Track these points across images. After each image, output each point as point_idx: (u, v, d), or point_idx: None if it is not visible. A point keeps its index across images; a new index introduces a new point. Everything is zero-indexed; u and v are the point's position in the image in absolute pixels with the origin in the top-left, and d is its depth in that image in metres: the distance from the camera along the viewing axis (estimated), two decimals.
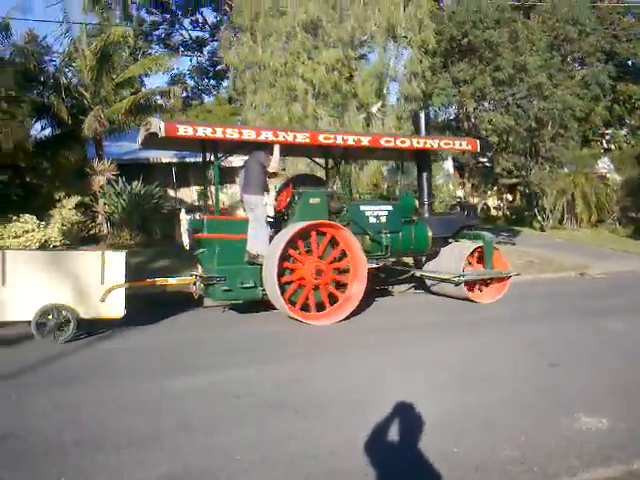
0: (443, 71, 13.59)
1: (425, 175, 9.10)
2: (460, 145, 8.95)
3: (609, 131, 26.02)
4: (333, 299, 7.42)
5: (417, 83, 12.46)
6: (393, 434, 3.68)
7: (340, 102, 11.74)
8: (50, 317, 6.02)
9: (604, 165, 23.06)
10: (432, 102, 13.26)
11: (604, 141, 25.33)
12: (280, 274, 7.01)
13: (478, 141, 9.09)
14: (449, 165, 19.59)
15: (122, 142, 15.95)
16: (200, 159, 7.97)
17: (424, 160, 9.14)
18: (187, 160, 16.60)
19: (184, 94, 26.10)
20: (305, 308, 7.20)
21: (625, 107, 24.93)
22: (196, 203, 17.22)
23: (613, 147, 24.82)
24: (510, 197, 24.07)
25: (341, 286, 7.54)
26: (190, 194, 18.50)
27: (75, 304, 6.12)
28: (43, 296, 6.02)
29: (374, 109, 12.65)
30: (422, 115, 9.21)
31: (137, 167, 15.89)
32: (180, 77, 27.91)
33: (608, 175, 22.23)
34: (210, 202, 7.90)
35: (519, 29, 13.36)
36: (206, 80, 29.39)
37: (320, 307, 7.30)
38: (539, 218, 19.73)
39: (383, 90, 12.86)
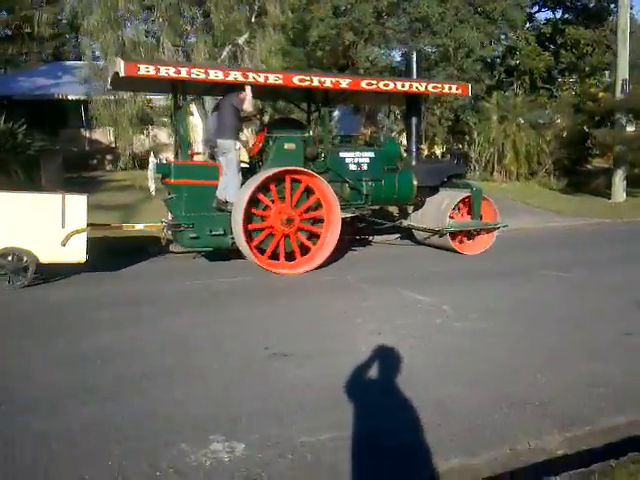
0: None
1: (414, 121, 8.67)
2: (450, 89, 8.44)
3: (562, 79, 24.35)
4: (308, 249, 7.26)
5: (281, 9, 11.30)
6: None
7: (186, 30, 10.74)
8: (7, 260, 5.99)
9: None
10: (309, 34, 12.13)
11: (554, 89, 23.64)
12: (249, 221, 6.84)
13: (470, 85, 8.58)
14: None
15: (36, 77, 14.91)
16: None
17: (414, 105, 8.70)
18: (104, 97, 13.65)
19: None
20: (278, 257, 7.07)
21: (573, 52, 23.11)
22: (113, 145, 16.30)
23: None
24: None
25: (316, 236, 7.36)
26: (106, 135, 16.95)
27: (34, 248, 6.06)
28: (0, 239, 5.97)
29: (240, 41, 11.55)
30: (414, 55, 8.69)
31: (48, 105, 14.90)
32: None
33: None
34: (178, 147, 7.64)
35: None
36: None
37: (293, 256, 7.16)
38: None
39: (252, 18, 11.60)
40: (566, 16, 25.07)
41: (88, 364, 3.92)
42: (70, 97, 16.45)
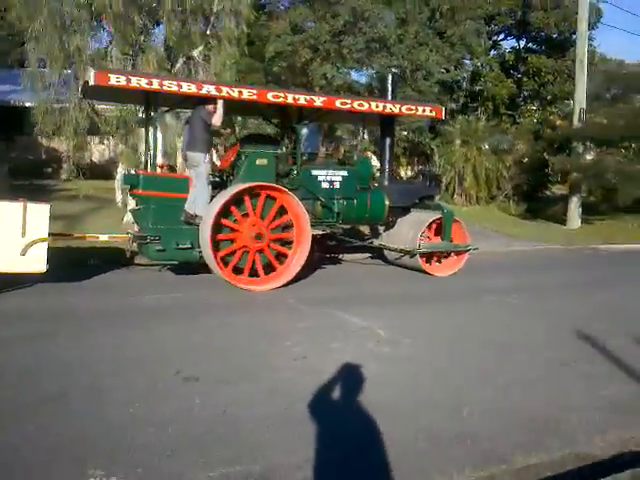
0: (282, 14, 12.45)
1: (388, 141, 8.72)
2: (423, 111, 8.51)
3: (524, 106, 24.76)
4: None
5: (236, 23, 11.14)
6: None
7: (139, 40, 10.48)
8: None
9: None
10: (265, 50, 12.18)
11: (517, 115, 24.08)
12: (218, 232, 6.76)
13: (443, 108, 8.67)
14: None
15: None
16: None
17: (387, 125, 8.75)
18: (60, 105, 12.76)
19: None
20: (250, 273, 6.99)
21: (535, 80, 23.62)
22: (69, 154, 16.00)
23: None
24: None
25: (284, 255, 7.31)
26: (64, 144, 16.27)
27: None
28: None
29: (195, 53, 11.35)
30: (389, 77, 8.76)
31: (4, 112, 14.49)
32: None
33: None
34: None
35: None
36: None
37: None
38: None
39: (207, 31, 11.40)
40: (530, 45, 25.69)
41: None
42: (27, 104, 15.95)
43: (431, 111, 8.57)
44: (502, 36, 26.38)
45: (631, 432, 3.38)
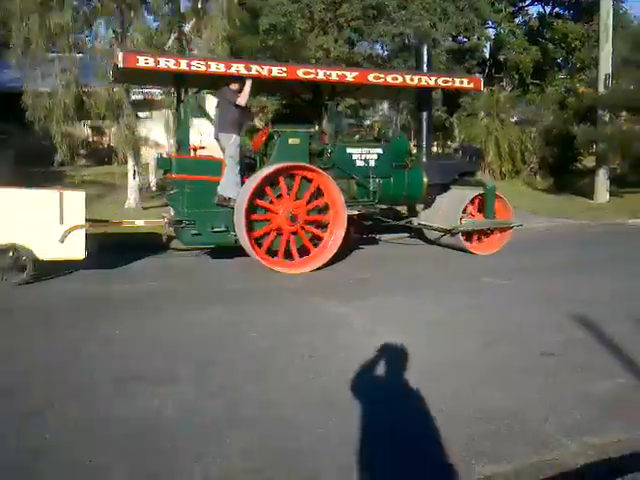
0: None
1: (425, 116, 8.41)
2: (461, 83, 8.16)
3: (559, 74, 23.25)
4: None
5: None
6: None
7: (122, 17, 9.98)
8: (6, 257, 5.90)
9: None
10: (260, 22, 11.57)
11: (545, 85, 22.40)
12: (252, 213, 6.67)
13: (482, 78, 8.29)
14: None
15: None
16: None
17: (424, 99, 8.45)
18: (48, 89, 12.25)
19: None
20: (288, 255, 6.90)
21: (561, 47, 22.21)
22: (90, 139, 15.50)
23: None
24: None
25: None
26: (82, 129, 16.25)
27: (32, 244, 5.97)
28: None
29: (187, 27, 11.08)
30: (424, 49, 8.44)
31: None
32: None
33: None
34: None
35: None
36: None
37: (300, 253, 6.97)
38: None
39: (198, 5, 11.00)
40: (556, 10, 24.33)
41: None
42: (42, 89, 15.92)
43: (469, 82, 8.22)
44: (528, 1, 25.21)
45: (615, 434, 2.98)
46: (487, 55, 23.24)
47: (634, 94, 14.40)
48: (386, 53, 14.41)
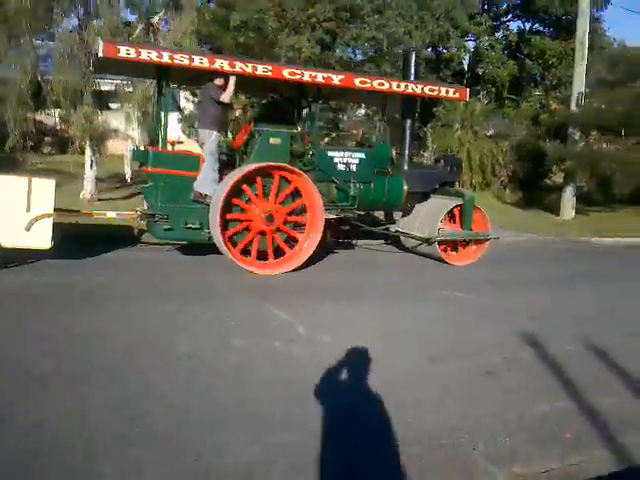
0: None
1: (408, 123, 8.38)
2: (447, 92, 8.14)
3: (536, 90, 23.40)
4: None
5: None
6: None
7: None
8: None
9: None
10: (231, 20, 11.42)
11: (520, 100, 22.70)
12: (228, 212, 6.55)
13: (468, 90, 8.29)
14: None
15: None
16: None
17: (409, 107, 8.41)
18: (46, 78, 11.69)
19: None
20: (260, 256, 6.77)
21: (538, 63, 22.41)
22: (58, 127, 15.07)
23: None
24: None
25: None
26: (51, 117, 15.62)
27: None
28: None
29: (155, 19, 10.80)
30: (412, 57, 8.38)
31: None
32: None
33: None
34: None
35: None
36: None
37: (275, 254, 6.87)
38: None
39: None
40: (536, 26, 24.54)
41: None
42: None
43: (455, 92, 8.20)
44: (509, 16, 25.46)
45: (548, 462, 2.82)
46: (465, 67, 23.30)
47: (605, 113, 14.55)
48: (359, 57, 14.19)
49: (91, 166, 11.12)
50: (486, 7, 24.52)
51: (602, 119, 14.46)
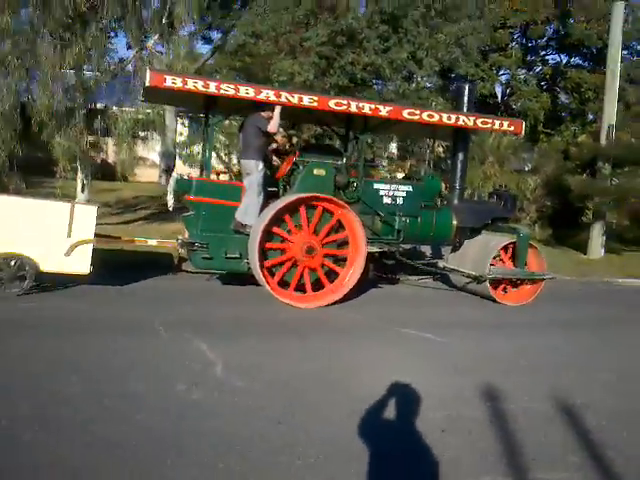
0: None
1: (460, 156, 8.05)
2: (501, 125, 7.77)
3: (572, 124, 22.19)
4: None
5: (186, 11, 10.00)
6: None
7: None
8: (9, 265, 5.71)
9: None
10: (228, 41, 11.03)
11: (555, 134, 21.54)
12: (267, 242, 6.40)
13: (523, 122, 7.90)
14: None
15: None
16: None
17: (460, 139, 8.09)
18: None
19: None
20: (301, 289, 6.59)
21: (573, 96, 21.31)
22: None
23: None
24: None
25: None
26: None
27: (36, 256, 5.78)
28: (2, 243, 5.70)
29: (150, 43, 10.50)
30: (466, 88, 8.10)
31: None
32: None
33: None
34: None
35: None
36: None
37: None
38: None
39: (162, 20, 10.30)
40: (574, 59, 23.64)
41: None
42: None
43: (509, 125, 7.83)
44: (547, 50, 24.80)
45: None
46: (499, 99, 22.71)
47: (634, 148, 13.64)
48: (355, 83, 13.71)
49: (82, 189, 10.84)
50: (522, 40, 23.91)
51: (634, 153, 13.52)
